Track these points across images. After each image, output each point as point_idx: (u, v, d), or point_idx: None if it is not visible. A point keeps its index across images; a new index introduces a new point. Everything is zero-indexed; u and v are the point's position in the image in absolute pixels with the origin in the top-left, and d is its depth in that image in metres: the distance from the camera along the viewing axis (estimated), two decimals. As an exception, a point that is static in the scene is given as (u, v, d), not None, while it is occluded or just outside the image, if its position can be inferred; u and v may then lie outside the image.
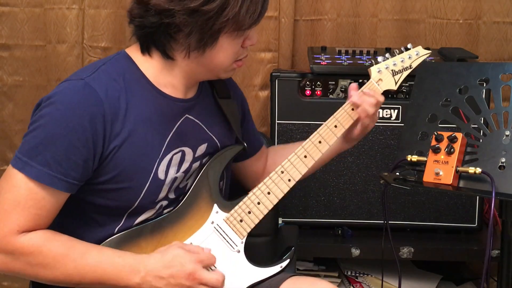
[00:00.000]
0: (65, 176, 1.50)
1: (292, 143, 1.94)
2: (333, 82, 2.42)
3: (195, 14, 1.51)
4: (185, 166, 1.66)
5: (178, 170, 1.65)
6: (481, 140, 1.71)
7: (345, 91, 2.40)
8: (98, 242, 1.58)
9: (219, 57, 1.59)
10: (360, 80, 2.38)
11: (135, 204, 1.59)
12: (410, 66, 1.84)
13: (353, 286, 2.55)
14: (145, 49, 1.61)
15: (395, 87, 1.83)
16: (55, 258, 1.50)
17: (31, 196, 1.49)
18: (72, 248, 1.52)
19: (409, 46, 1.86)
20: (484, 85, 1.77)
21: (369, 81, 1.81)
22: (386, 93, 1.86)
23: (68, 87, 1.54)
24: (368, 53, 2.52)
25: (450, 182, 1.65)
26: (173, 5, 1.51)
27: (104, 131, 1.52)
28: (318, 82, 2.42)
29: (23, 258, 1.49)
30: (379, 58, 1.83)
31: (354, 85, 1.80)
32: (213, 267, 1.61)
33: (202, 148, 1.70)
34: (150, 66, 1.61)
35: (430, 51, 1.87)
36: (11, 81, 2.73)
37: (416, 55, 1.85)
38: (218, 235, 1.66)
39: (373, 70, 1.82)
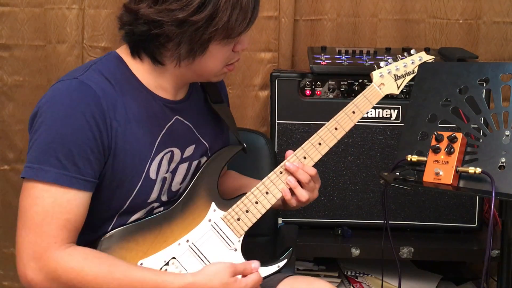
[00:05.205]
0: (82, 175, 1.49)
1: (247, 178, 1.91)
2: (333, 82, 2.41)
3: (184, 25, 1.50)
4: (172, 166, 1.67)
5: (167, 170, 1.65)
6: (481, 140, 1.71)
7: (345, 91, 2.40)
8: (93, 242, 1.58)
9: (209, 63, 1.59)
10: (360, 80, 2.39)
11: (126, 204, 1.59)
12: (413, 71, 1.85)
13: (353, 286, 2.54)
14: (135, 54, 1.61)
15: (397, 92, 1.84)
16: (97, 277, 1.48)
17: (57, 202, 1.47)
18: (114, 266, 1.50)
19: (412, 51, 1.87)
20: (484, 85, 1.77)
21: (371, 85, 1.82)
22: (387, 96, 1.87)
23: (63, 87, 1.53)
24: (368, 53, 2.52)
25: (450, 182, 1.65)
26: (162, 16, 1.50)
27: (105, 126, 1.52)
28: (318, 82, 2.42)
29: (64, 278, 1.47)
30: (382, 63, 1.84)
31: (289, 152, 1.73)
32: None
33: (190, 150, 1.70)
34: (141, 68, 1.61)
35: (433, 57, 1.88)
36: (11, 81, 2.73)
37: (419, 61, 1.86)
38: (215, 233, 1.66)
39: (375, 74, 1.83)
